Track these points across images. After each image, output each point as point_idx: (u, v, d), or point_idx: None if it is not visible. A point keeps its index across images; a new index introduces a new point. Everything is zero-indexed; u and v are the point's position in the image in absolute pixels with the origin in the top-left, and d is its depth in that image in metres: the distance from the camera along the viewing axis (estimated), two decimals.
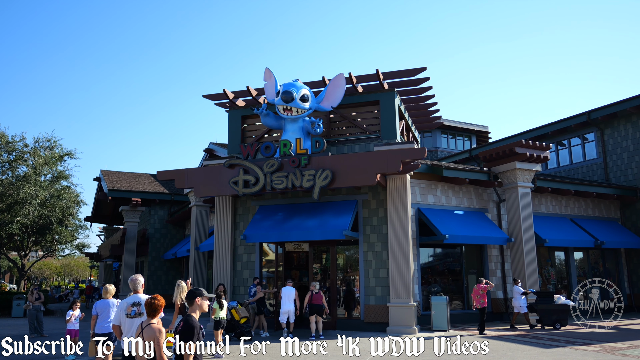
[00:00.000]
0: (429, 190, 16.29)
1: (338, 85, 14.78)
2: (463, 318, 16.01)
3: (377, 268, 14.43)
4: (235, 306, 12.96)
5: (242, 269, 15.77)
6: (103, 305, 8.12)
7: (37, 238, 31.50)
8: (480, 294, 13.92)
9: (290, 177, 13.91)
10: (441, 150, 30.78)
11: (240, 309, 12.93)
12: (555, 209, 19.26)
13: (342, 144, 15.43)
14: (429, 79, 15.38)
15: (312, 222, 14.44)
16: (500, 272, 17.05)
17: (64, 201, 28.06)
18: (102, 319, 8.06)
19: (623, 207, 20.99)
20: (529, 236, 16.50)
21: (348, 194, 15.13)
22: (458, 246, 16.77)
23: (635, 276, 20.07)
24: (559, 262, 19.44)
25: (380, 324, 13.95)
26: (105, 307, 8.10)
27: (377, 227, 14.66)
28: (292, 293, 13.24)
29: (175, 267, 27.20)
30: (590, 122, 21.96)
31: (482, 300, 13.85)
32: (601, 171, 21.87)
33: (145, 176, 30.02)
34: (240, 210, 16.12)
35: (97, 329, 8.04)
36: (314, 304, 12.93)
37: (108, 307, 8.11)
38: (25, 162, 27.43)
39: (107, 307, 8.09)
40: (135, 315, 6.29)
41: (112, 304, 8.16)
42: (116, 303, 8.17)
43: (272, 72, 15.28)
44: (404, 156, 13.39)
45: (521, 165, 16.58)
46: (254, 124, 16.69)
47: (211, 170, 15.13)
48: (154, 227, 27.41)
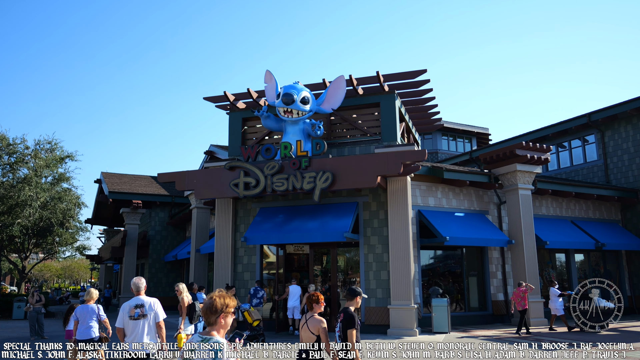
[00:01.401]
0: (429, 192, 16.29)
1: (338, 87, 14.79)
2: (464, 320, 15.99)
3: (378, 270, 14.43)
4: (248, 309, 13.16)
5: (242, 271, 15.77)
6: (83, 311, 8.13)
7: (37, 240, 31.50)
8: (521, 297, 14.37)
9: (290, 179, 13.92)
10: (442, 152, 30.78)
11: (253, 312, 13.16)
12: (556, 210, 19.25)
13: (343, 146, 15.44)
14: (429, 81, 15.40)
15: (312, 224, 14.45)
16: (501, 274, 17.04)
17: (64, 203, 28.05)
18: (82, 324, 8.07)
19: (624, 209, 20.98)
20: (529, 238, 16.49)
21: (349, 196, 15.13)
22: (459, 248, 16.76)
23: (636, 278, 20.04)
24: (559, 264, 19.42)
25: (381, 326, 13.94)
26: (85, 312, 8.12)
27: (377, 229, 14.66)
28: (297, 291, 14.40)
29: (175, 270, 27.18)
30: (590, 124, 21.96)
31: (523, 303, 14.35)
32: (602, 173, 21.86)
33: (146, 178, 30.03)
34: (241, 212, 16.12)
35: (78, 334, 8.04)
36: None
37: (87, 312, 8.12)
38: (26, 164, 27.43)
39: (86, 313, 8.11)
40: (139, 317, 6.29)
41: (92, 309, 8.16)
42: (96, 309, 8.19)
43: (272, 74, 15.31)
44: (404, 158, 13.40)
45: (522, 167, 16.58)
46: (255, 126, 16.71)
47: (212, 173, 15.14)
48: (155, 229, 27.41)
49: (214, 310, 3.54)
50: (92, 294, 8.34)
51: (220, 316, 3.56)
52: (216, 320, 3.56)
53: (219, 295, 3.63)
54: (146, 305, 6.36)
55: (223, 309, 3.57)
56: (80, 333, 8.03)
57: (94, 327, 8.19)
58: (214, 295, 3.62)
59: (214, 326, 3.57)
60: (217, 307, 3.56)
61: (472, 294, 16.79)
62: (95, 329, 8.19)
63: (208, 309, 3.55)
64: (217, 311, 3.55)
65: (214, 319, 3.56)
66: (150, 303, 6.40)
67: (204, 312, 3.57)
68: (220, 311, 3.56)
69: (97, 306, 8.28)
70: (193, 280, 20.25)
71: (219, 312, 3.56)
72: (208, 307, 3.55)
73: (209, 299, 3.59)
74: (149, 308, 6.36)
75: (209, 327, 3.58)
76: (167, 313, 7.53)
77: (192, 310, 10.35)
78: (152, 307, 6.39)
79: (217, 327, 3.58)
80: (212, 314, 3.54)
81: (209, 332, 3.56)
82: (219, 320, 3.56)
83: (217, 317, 3.56)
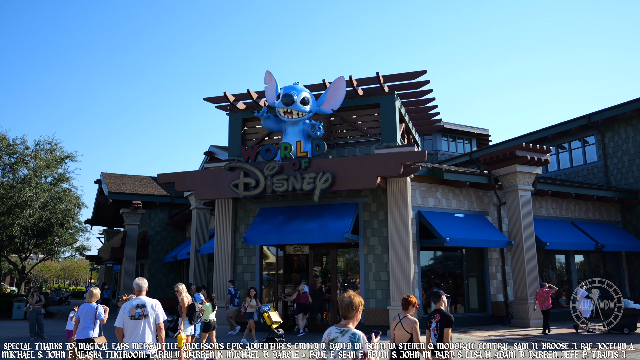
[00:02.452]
0: (429, 193, 16.29)
1: (338, 88, 14.79)
2: (463, 321, 15.98)
3: (378, 271, 14.42)
4: (268, 310, 12.76)
5: (242, 271, 15.77)
6: (84, 310, 8.12)
7: (37, 240, 31.50)
8: (545, 297, 14.67)
9: (290, 179, 13.92)
10: (441, 153, 30.78)
11: (272, 313, 12.74)
12: (556, 212, 19.25)
13: (343, 146, 15.44)
14: (429, 82, 15.40)
15: (312, 225, 14.45)
16: (501, 275, 17.04)
17: (64, 204, 28.04)
18: (82, 323, 8.07)
19: (624, 210, 20.99)
20: (529, 239, 16.48)
21: (348, 197, 15.13)
22: (458, 249, 16.76)
23: (636, 279, 20.04)
24: (559, 265, 19.41)
25: (381, 326, 13.93)
26: (86, 311, 8.11)
27: (377, 230, 14.65)
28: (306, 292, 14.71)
29: (175, 270, 27.17)
30: (590, 125, 21.97)
31: (547, 303, 14.67)
32: (602, 174, 21.87)
33: (146, 179, 30.02)
34: (241, 213, 16.12)
35: (78, 334, 8.04)
36: (300, 302, 14.36)
37: (88, 311, 8.12)
38: (26, 164, 27.44)
39: (87, 312, 8.10)
40: (140, 317, 6.29)
41: (93, 309, 8.15)
42: (94, 308, 8.17)
43: (272, 75, 15.31)
44: (404, 159, 13.39)
45: (522, 168, 16.58)
46: (255, 127, 16.71)
47: (212, 173, 15.14)
48: (155, 230, 27.40)
49: (353, 307, 4.23)
50: (95, 294, 8.34)
51: (357, 311, 4.26)
52: (354, 315, 4.24)
53: (354, 295, 4.31)
54: (148, 305, 6.36)
55: (359, 306, 4.27)
56: (79, 333, 8.04)
57: (92, 327, 8.18)
58: (350, 295, 4.30)
59: (351, 320, 4.24)
60: (356, 305, 4.25)
61: (472, 295, 16.79)
62: (93, 329, 8.18)
63: (349, 305, 4.24)
64: (356, 307, 4.25)
65: (352, 314, 4.24)
66: (151, 304, 6.40)
67: (344, 308, 4.23)
68: (357, 307, 4.26)
69: (97, 306, 8.28)
70: (192, 281, 20.26)
71: (357, 308, 4.25)
72: (348, 304, 4.24)
73: (348, 297, 4.29)
74: (150, 308, 6.36)
75: (345, 320, 4.25)
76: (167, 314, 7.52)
77: (192, 310, 10.34)
78: (153, 307, 6.39)
79: (353, 320, 4.25)
80: (353, 309, 4.24)
81: (345, 324, 4.23)
82: (356, 315, 4.25)
83: (355, 312, 4.25)
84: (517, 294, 16.46)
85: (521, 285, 16.23)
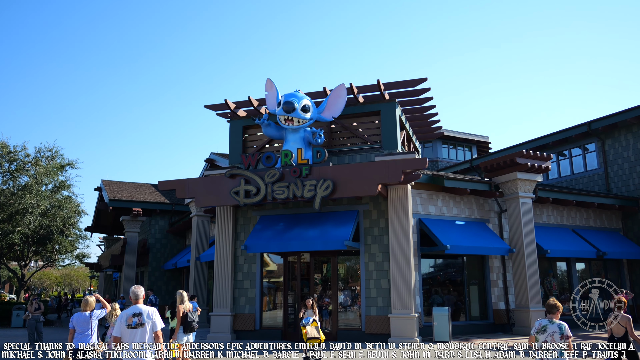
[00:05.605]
0: (430, 201, 16.27)
1: (339, 95, 14.81)
2: (464, 329, 15.91)
3: (379, 278, 14.37)
4: (307, 324, 10.23)
5: (242, 279, 15.71)
6: (79, 319, 8.08)
7: (37, 248, 31.42)
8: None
9: (291, 187, 13.91)
10: (442, 161, 30.79)
11: (310, 328, 10.16)
12: (557, 219, 19.22)
13: (343, 154, 15.44)
14: (429, 90, 15.42)
15: (313, 233, 14.41)
16: (502, 282, 16.97)
17: (64, 211, 28.04)
18: (78, 332, 8.01)
19: (625, 218, 20.95)
20: (530, 247, 16.44)
21: (349, 204, 15.11)
22: (459, 257, 16.71)
23: (637, 287, 19.96)
24: (560, 272, 19.35)
25: (382, 335, 13.86)
26: (82, 320, 8.07)
27: (378, 237, 14.62)
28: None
29: (175, 277, 27.09)
30: (591, 132, 21.99)
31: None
32: (602, 181, 21.85)
33: (146, 186, 30.02)
34: (241, 220, 16.09)
35: (76, 342, 7.99)
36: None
37: (82, 320, 8.07)
38: (27, 171, 27.46)
39: (81, 321, 8.06)
40: (137, 326, 6.25)
41: (88, 317, 8.11)
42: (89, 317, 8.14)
43: (273, 82, 15.35)
44: (405, 166, 13.39)
45: (522, 175, 16.56)
46: (255, 134, 16.72)
47: (212, 180, 15.13)
48: (155, 237, 27.35)
49: (557, 307, 6.63)
50: (90, 302, 8.32)
51: (560, 310, 6.62)
52: (556, 311, 6.62)
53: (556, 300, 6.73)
54: (144, 314, 6.32)
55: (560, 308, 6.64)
56: (77, 340, 7.98)
57: (91, 334, 8.15)
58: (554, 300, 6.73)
59: (554, 315, 6.62)
60: (559, 306, 6.64)
61: (473, 303, 16.72)
62: (92, 336, 8.15)
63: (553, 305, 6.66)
64: (559, 308, 6.63)
65: (555, 311, 6.62)
66: (148, 312, 6.36)
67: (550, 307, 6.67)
68: (559, 308, 6.63)
69: (92, 313, 8.24)
70: (191, 289, 20.20)
71: (559, 308, 6.62)
72: (552, 305, 6.67)
73: (552, 300, 6.73)
74: (147, 317, 6.32)
75: (550, 315, 6.64)
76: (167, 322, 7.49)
77: (186, 319, 10.20)
78: (150, 316, 6.35)
79: (557, 315, 6.61)
80: (557, 310, 6.62)
81: (551, 317, 6.61)
82: (557, 312, 6.61)
83: (557, 311, 6.61)
84: (518, 302, 16.38)
85: (522, 292, 16.15)
